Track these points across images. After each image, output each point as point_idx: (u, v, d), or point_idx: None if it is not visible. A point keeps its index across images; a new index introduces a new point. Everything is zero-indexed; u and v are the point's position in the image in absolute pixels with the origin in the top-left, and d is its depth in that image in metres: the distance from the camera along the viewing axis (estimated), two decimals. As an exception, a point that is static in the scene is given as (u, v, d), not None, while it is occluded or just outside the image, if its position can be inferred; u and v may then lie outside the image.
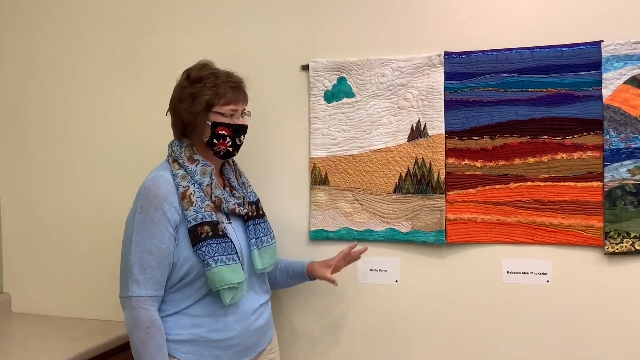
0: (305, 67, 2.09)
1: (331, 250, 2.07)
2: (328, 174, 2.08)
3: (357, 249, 1.91)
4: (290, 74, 2.12)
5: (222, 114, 1.73)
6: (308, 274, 1.92)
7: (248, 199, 1.82)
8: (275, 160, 2.14)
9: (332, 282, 1.89)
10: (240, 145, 1.79)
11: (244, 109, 1.80)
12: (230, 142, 1.75)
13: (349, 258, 1.92)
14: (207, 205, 1.68)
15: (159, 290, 1.65)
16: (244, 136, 1.79)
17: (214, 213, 1.69)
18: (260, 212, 1.84)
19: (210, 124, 1.73)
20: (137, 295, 1.62)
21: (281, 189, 2.12)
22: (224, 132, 1.73)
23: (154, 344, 1.61)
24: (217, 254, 1.64)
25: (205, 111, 1.73)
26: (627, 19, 1.84)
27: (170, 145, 1.79)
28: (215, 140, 1.74)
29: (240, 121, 1.77)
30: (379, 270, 2.06)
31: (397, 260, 2.05)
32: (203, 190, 1.71)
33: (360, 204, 2.06)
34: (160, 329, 1.63)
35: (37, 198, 2.39)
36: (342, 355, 2.10)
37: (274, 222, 1.92)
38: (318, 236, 2.09)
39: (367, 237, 2.05)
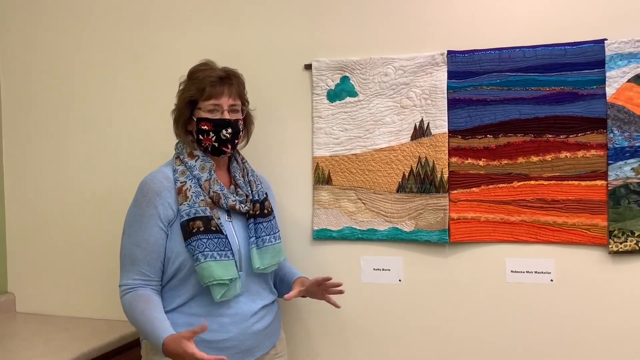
0: (308, 67, 2.09)
1: (334, 250, 2.08)
2: (331, 174, 2.08)
3: (331, 282, 1.77)
4: (293, 73, 2.11)
5: (203, 109, 1.75)
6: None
7: (252, 198, 1.81)
8: (278, 159, 2.13)
9: (286, 297, 1.76)
10: (227, 140, 1.76)
11: (234, 104, 1.78)
12: (214, 137, 1.75)
13: (323, 288, 1.79)
14: (202, 200, 1.69)
15: (149, 282, 1.69)
16: (227, 131, 1.75)
17: (208, 208, 1.69)
18: (266, 211, 1.82)
19: (195, 119, 1.75)
20: (125, 284, 1.69)
21: (284, 188, 2.12)
22: (205, 127, 1.75)
23: (138, 310, 1.64)
24: (207, 249, 1.64)
25: (191, 107, 1.76)
26: (631, 17, 1.83)
27: (177, 142, 1.83)
28: (200, 136, 1.75)
29: (224, 116, 1.75)
30: (382, 269, 2.06)
31: (401, 259, 2.04)
32: (201, 186, 1.72)
33: (363, 203, 2.06)
34: (144, 297, 1.65)
35: (41, 198, 2.40)
36: (346, 354, 2.10)
37: (278, 222, 1.92)
38: (321, 235, 2.09)
39: (370, 236, 2.05)
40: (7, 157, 2.45)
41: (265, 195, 1.85)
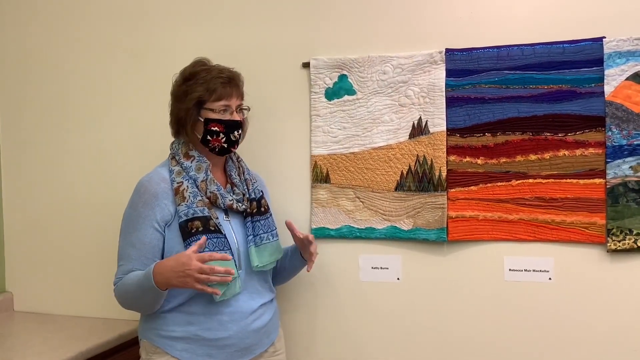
0: (306, 65, 2.08)
1: (333, 248, 2.08)
2: (329, 172, 2.08)
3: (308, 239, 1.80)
4: (291, 71, 2.11)
5: (214, 110, 1.74)
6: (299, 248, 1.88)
7: (249, 196, 1.81)
8: (276, 158, 2.13)
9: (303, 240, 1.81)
10: (236, 141, 1.78)
11: (240, 105, 1.80)
12: (224, 138, 1.75)
13: (301, 241, 1.81)
14: (200, 200, 1.70)
15: None
16: (237, 132, 1.77)
17: (206, 208, 1.69)
18: (263, 209, 1.83)
19: (202, 120, 1.74)
20: (116, 280, 1.72)
21: (282, 187, 2.12)
22: (216, 128, 1.74)
23: (127, 283, 1.67)
24: (206, 249, 1.65)
25: (197, 108, 1.74)
26: (630, 15, 1.83)
27: (172, 143, 1.82)
28: (209, 137, 1.75)
29: (234, 117, 1.76)
30: (381, 268, 2.06)
31: (399, 258, 2.04)
32: (197, 186, 1.72)
33: (361, 201, 2.05)
34: (133, 273, 1.67)
35: (39, 196, 2.40)
36: (344, 353, 2.10)
37: (275, 220, 1.92)
38: (319, 234, 2.08)
39: (368, 234, 2.05)
40: (5, 156, 2.44)
41: (261, 194, 1.85)
